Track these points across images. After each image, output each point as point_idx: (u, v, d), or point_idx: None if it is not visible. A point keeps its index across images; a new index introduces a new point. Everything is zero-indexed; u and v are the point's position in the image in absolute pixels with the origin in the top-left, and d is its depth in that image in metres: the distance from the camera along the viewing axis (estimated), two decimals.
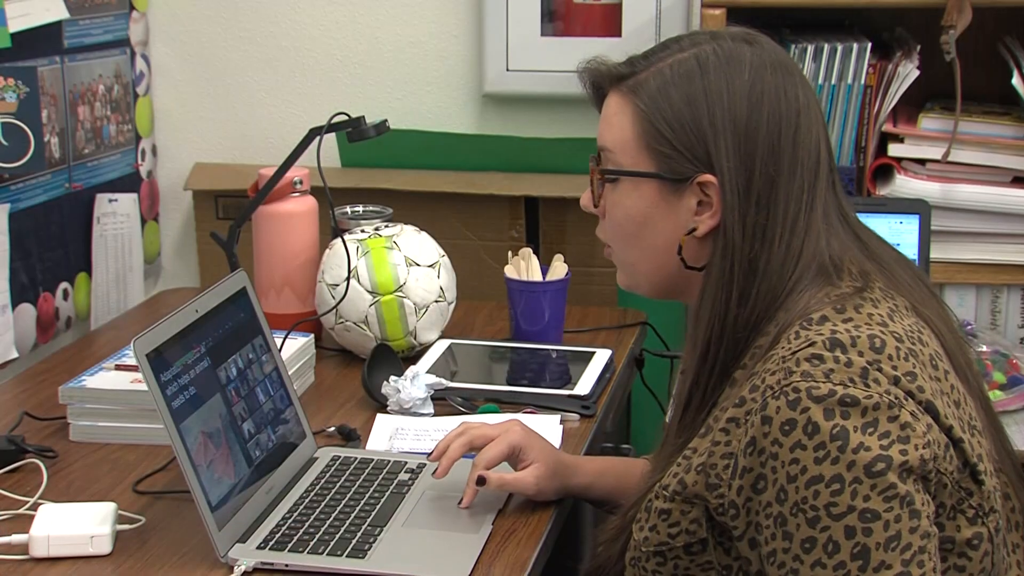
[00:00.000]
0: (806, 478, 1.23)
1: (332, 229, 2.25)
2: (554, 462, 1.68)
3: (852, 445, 1.23)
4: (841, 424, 1.23)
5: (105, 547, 1.57)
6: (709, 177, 1.38)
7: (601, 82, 1.47)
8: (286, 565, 1.53)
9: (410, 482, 1.72)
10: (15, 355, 2.26)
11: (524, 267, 2.25)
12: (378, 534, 1.59)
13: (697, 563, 1.36)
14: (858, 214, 1.47)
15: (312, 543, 1.56)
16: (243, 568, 1.52)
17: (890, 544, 1.22)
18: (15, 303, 2.27)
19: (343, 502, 1.66)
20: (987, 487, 1.31)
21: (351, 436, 1.90)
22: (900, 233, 2.27)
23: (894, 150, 2.36)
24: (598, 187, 1.48)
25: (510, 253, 2.29)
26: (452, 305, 2.23)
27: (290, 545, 1.56)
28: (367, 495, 1.68)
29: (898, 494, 1.22)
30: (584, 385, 2.04)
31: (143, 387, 1.55)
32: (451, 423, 1.92)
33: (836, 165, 1.44)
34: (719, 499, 1.32)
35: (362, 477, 1.73)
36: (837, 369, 1.26)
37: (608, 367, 2.15)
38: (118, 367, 1.97)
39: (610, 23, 2.60)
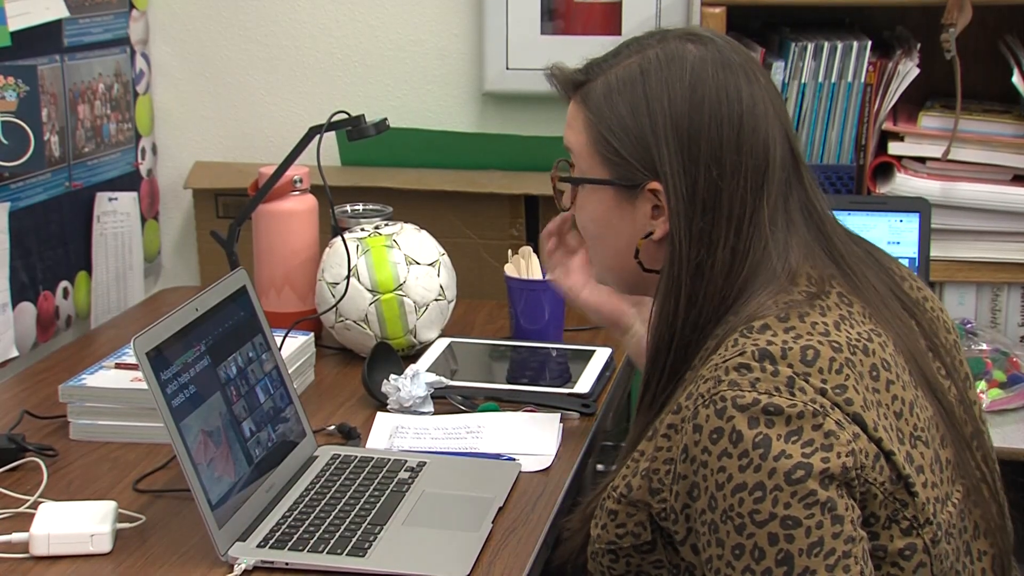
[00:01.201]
0: (732, 486, 1.25)
1: (332, 227, 2.25)
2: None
3: (773, 453, 1.24)
4: (764, 432, 1.25)
5: (105, 545, 1.57)
6: (657, 184, 1.39)
7: (563, 87, 1.49)
8: (286, 564, 1.53)
9: (410, 481, 1.72)
10: (15, 354, 2.26)
11: (524, 266, 2.25)
12: (378, 532, 1.59)
13: (648, 561, 1.38)
14: (858, 212, 1.47)
15: (312, 541, 1.56)
16: (243, 567, 1.52)
17: (813, 550, 1.23)
18: (15, 302, 2.27)
19: (343, 500, 1.66)
20: (921, 499, 1.31)
21: (351, 435, 1.90)
22: (900, 231, 2.27)
23: (894, 148, 2.36)
24: (570, 188, 1.50)
25: (510, 252, 2.29)
26: (452, 303, 2.23)
27: (290, 544, 1.56)
28: (367, 493, 1.68)
29: (818, 500, 1.23)
30: (584, 383, 2.04)
31: (143, 386, 1.55)
32: (451, 421, 1.93)
33: (803, 158, 1.43)
34: (661, 504, 1.34)
35: (362, 476, 1.73)
36: (763, 379, 1.27)
37: (608, 365, 2.15)
38: (118, 366, 1.97)
39: (610, 21, 2.60)
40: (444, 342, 2.22)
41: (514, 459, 1.81)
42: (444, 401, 2.01)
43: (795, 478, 1.23)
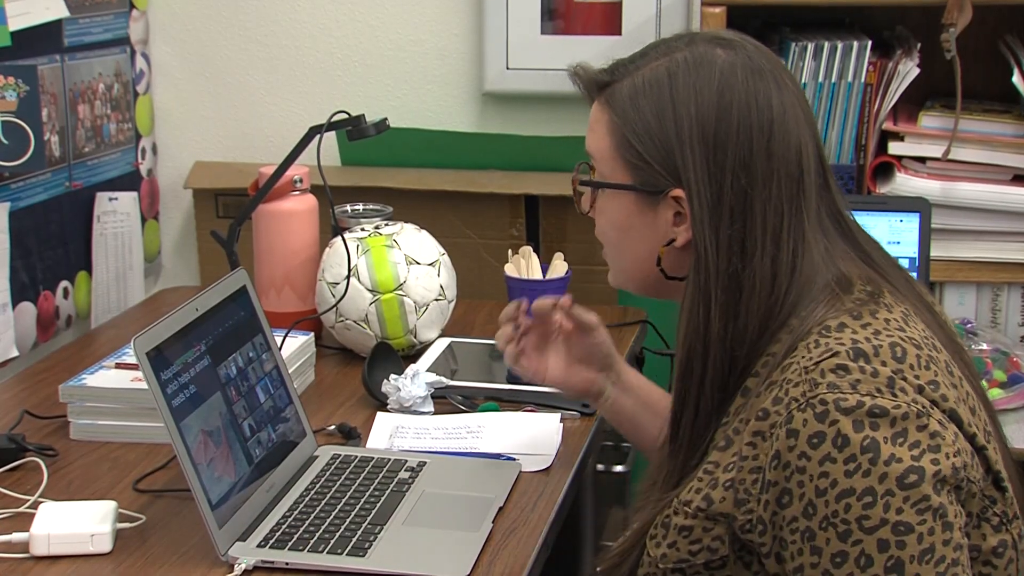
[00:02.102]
0: (836, 491, 1.21)
1: (332, 227, 2.25)
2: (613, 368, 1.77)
3: (883, 457, 1.21)
4: (871, 436, 1.21)
5: (105, 545, 1.57)
6: (680, 191, 1.37)
7: (587, 87, 1.47)
8: (286, 563, 1.53)
9: (410, 480, 1.72)
10: (15, 353, 2.26)
11: (524, 265, 2.25)
12: (378, 532, 1.59)
13: None
14: (858, 212, 1.46)
15: (312, 541, 1.56)
16: (243, 566, 1.52)
17: (924, 557, 1.20)
18: (15, 302, 2.27)
19: (343, 500, 1.66)
20: (1010, 494, 1.30)
21: (351, 434, 1.90)
22: (900, 231, 2.27)
23: (894, 148, 2.36)
24: (590, 192, 1.48)
25: (510, 251, 2.29)
26: (452, 303, 2.23)
27: (290, 543, 1.56)
28: (367, 493, 1.68)
29: (931, 506, 1.21)
30: None
31: (143, 385, 1.55)
32: (451, 421, 1.93)
33: (828, 164, 1.41)
34: (747, 515, 1.29)
35: (362, 475, 1.73)
36: (863, 379, 1.24)
37: None
38: (118, 365, 1.97)
39: (610, 21, 2.60)
40: (444, 342, 2.22)
41: (514, 459, 1.81)
42: (444, 401, 2.01)
43: (908, 482, 1.20)
